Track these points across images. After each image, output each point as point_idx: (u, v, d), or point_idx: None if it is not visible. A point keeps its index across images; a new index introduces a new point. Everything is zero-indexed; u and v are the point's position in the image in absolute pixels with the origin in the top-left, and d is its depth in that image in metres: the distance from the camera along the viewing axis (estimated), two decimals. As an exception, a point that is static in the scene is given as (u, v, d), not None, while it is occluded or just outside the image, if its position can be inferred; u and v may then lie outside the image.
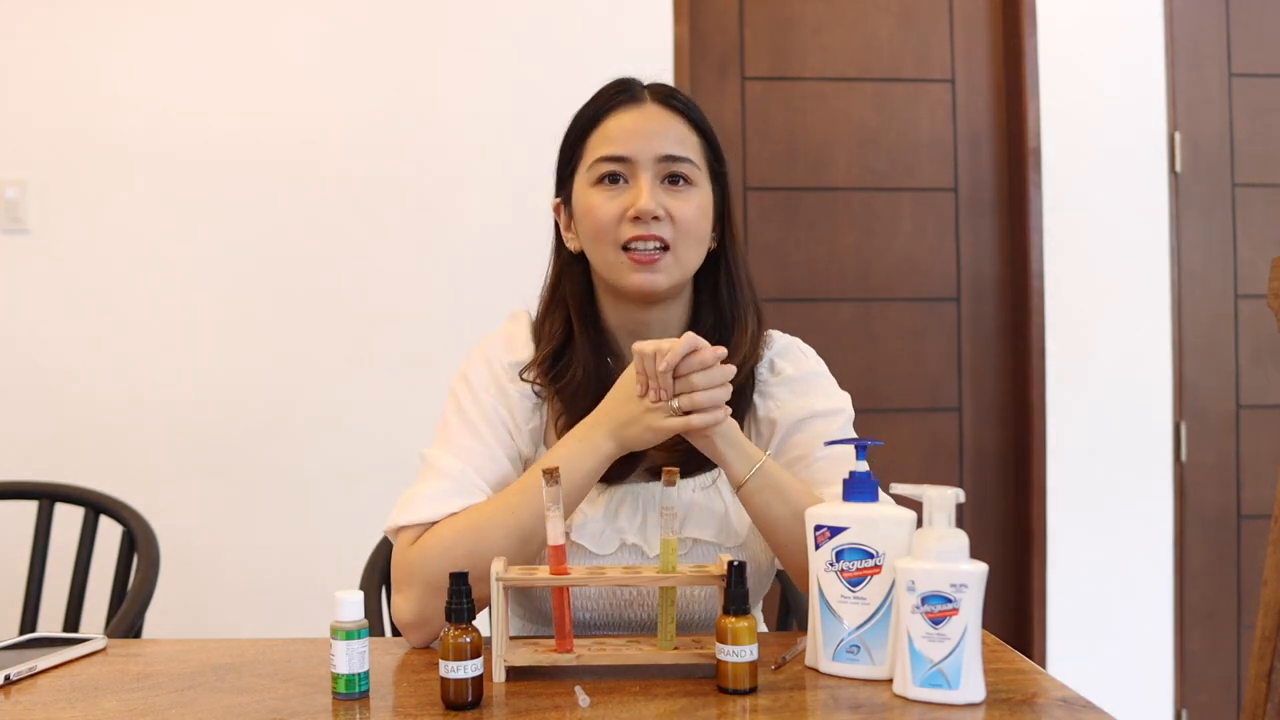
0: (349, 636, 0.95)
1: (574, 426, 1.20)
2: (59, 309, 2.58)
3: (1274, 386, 2.83)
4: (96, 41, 2.58)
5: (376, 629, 1.38)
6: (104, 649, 1.16)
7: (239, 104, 2.60)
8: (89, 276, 2.58)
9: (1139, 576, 2.79)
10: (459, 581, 0.95)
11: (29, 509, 1.78)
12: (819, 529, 1.01)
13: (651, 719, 0.90)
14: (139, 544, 1.66)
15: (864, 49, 2.84)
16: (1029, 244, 2.77)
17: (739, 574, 0.97)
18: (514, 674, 1.02)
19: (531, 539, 1.12)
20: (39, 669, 1.07)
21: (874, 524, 0.99)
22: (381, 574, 1.45)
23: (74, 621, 1.71)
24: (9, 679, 1.03)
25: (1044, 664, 2.73)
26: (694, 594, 1.21)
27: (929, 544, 0.94)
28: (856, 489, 1.01)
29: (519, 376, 1.25)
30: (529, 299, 1.34)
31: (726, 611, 0.96)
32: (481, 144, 2.62)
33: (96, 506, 1.75)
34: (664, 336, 1.15)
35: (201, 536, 2.55)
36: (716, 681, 0.97)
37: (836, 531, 1.00)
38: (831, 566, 1.00)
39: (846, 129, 2.83)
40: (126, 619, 1.54)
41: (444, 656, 0.93)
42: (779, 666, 1.03)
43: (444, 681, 0.93)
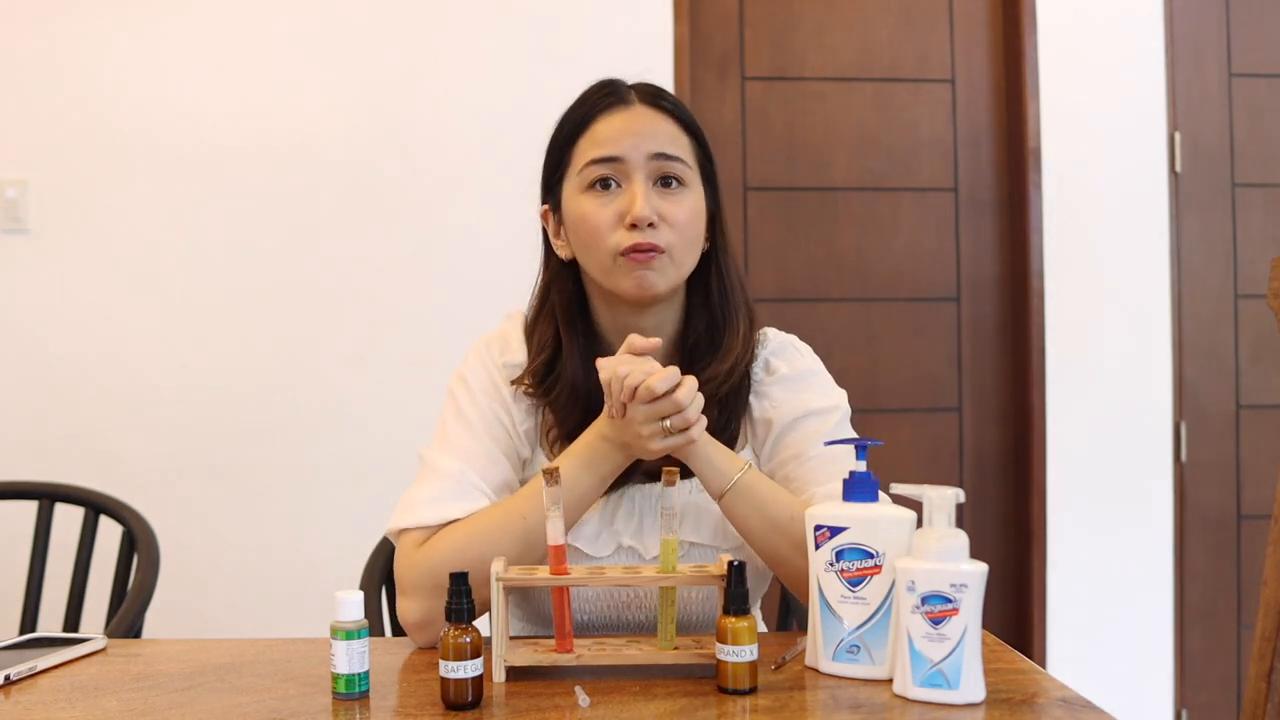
0: (349, 636, 0.95)
1: (570, 435, 1.20)
2: (59, 309, 2.58)
3: (1274, 386, 2.83)
4: (96, 41, 2.58)
5: (376, 629, 1.38)
6: (104, 649, 1.16)
7: (239, 104, 2.60)
8: (89, 276, 2.58)
9: (1139, 576, 2.79)
10: (459, 581, 0.95)
11: (29, 509, 1.78)
12: (819, 529, 1.01)
13: (651, 719, 0.90)
14: (139, 544, 1.66)
15: (864, 49, 2.84)
16: (1029, 244, 2.77)
17: (739, 574, 0.96)
18: (514, 674, 1.02)
19: (539, 545, 1.11)
20: (39, 669, 1.07)
21: (874, 524, 0.99)
22: (381, 574, 1.44)
23: (74, 621, 1.71)
24: (9, 679, 1.03)
25: (1044, 664, 2.73)
26: (693, 595, 1.21)
27: (929, 544, 0.94)
28: (856, 489, 1.01)
29: (511, 384, 1.25)
30: (529, 298, 1.34)
31: (726, 611, 0.96)
32: (482, 142, 2.62)
33: (96, 506, 1.75)
34: (656, 338, 1.15)
35: (201, 536, 2.55)
36: (716, 681, 0.97)
37: (836, 531, 1.00)
38: (831, 566, 1.00)
39: (846, 129, 2.83)
40: (126, 619, 1.54)
41: (444, 656, 0.93)
42: (779, 666, 1.03)
43: (444, 681, 0.93)
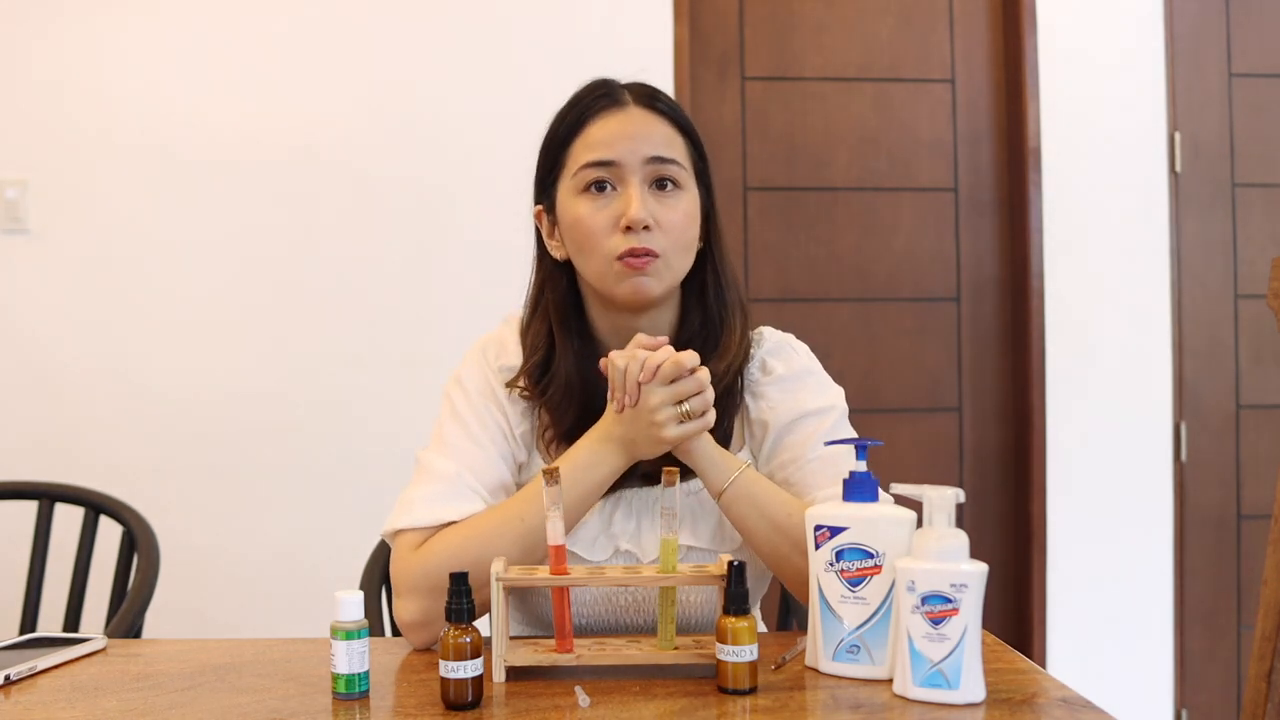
0: (349, 636, 0.95)
1: (565, 435, 1.21)
2: (59, 309, 2.58)
3: (1274, 386, 2.82)
4: (96, 42, 2.58)
5: (376, 629, 1.38)
6: (104, 649, 1.16)
7: (239, 104, 2.60)
8: (89, 276, 2.58)
9: (1139, 576, 2.79)
10: (459, 581, 0.95)
11: (29, 509, 1.78)
12: (819, 529, 1.01)
13: (651, 719, 0.90)
14: (139, 544, 1.66)
15: (864, 49, 2.84)
16: (1029, 244, 2.77)
17: (739, 574, 0.96)
18: (514, 674, 1.02)
19: (538, 547, 1.11)
20: (39, 669, 1.07)
21: (874, 524, 0.99)
22: (381, 574, 1.44)
23: (74, 621, 1.71)
24: (9, 679, 1.03)
25: (1044, 664, 2.73)
26: (693, 597, 1.20)
27: (929, 544, 0.94)
28: (856, 489, 1.01)
29: (506, 386, 1.24)
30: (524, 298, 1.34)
31: (726, 611, 0.96)
32: (481, 143, 2.62)
33: (96, 506, 1.75)
34: (663, 337, 1.15)
35: (201, 536, 2.55)
36: (716, 681, 0.97)
37: (836, 531, 1.00)
38: (831, 566, 1.00)
39: (846, 129, 2.83)
40: (126, 619, 1.54)
41: (444, 656, 0.93)
42: (779, 666, 1.03)
43: (444, 681, 0.93)
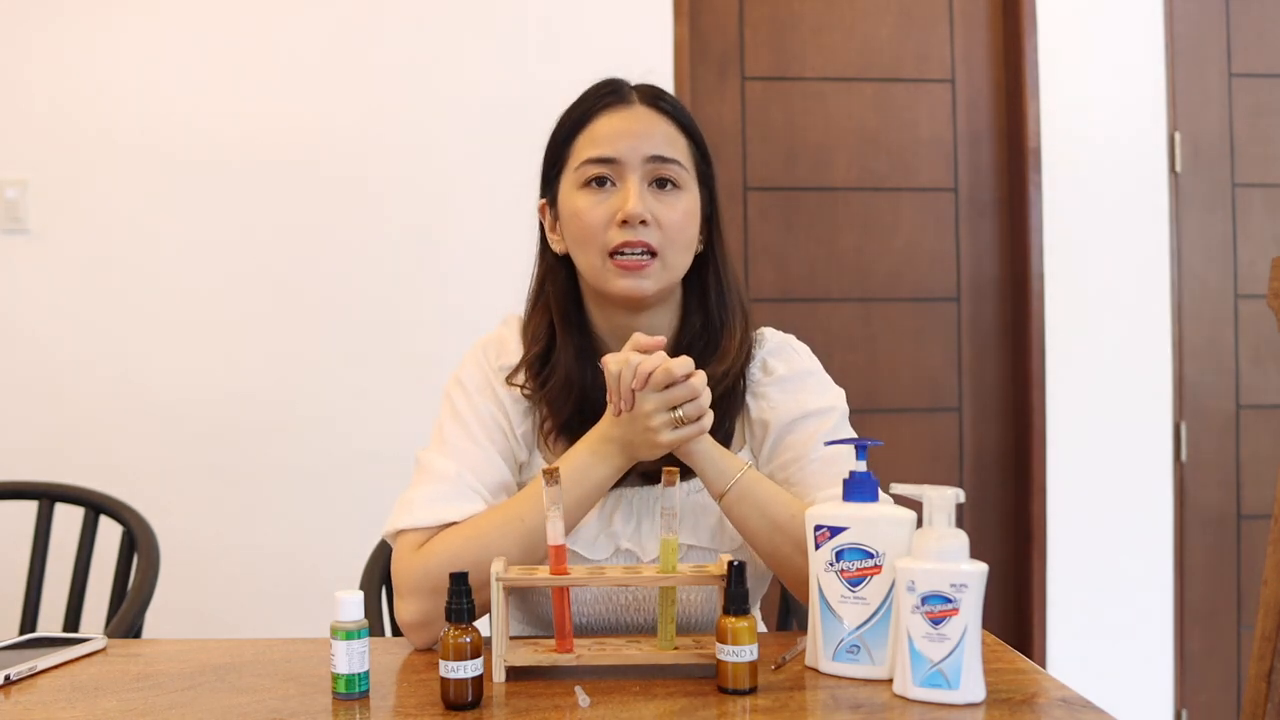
0: (349, 636, 0.95)
1: (564, 428, 1.21)
2: (59, 309, 2.58)
3: (1274, 386, 2.83)
4: (97, 42, 2.58)
5: (376, 629, 1.38)
6: (104, 649, 1.16)
7: (239, 104, 2.60)
8: (89, 276, 2.58)
9: (1139, 576, 2.79)
10: (459, 581, 0.95)
11: (29, 509, 1.78)
12: (819, 529, 1.01)
13: (651, 719, 0.90)
14: (139, 544, 1.66)
15: (864, 49, 2.84)
16: (1029, 244, 2.77)
17: (739, 574, 0.96)
18: (514, 674, 1.02)
19: (538, 548, 1.11)
20: (39, 669, 1.07)
21: (874, 524, 0.99)
22: (381, 574, 1.45)
23: (74, 621, 1.71)
24: (9, 679, 1.03)
25: (1044, 664, 2.73)
26: (693, 596, 1.21)
27: (929, 544, 0.94)
28: (856, 489, 1.01)
29: (505, 381, 1.25)
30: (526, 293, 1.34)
31: (726, 611, 0.96)
32: (481, 143, 2.62)
33: (96, 506, 1.75)
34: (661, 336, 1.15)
35: (201, 536, 2.55)
36: (716, 681, 0.97)
37: (836, 531, 1.00)
38: (831, 566, 1.00)
39: (846, 129, 2.83)
40: (126, 619, 1.54)
41: (444, 656, 0.93)
42: (779, 666, 1.03)
43: (444, 681, 0.93)
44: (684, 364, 1.10)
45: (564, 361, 1.23)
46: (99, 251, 2.58)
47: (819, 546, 1.01)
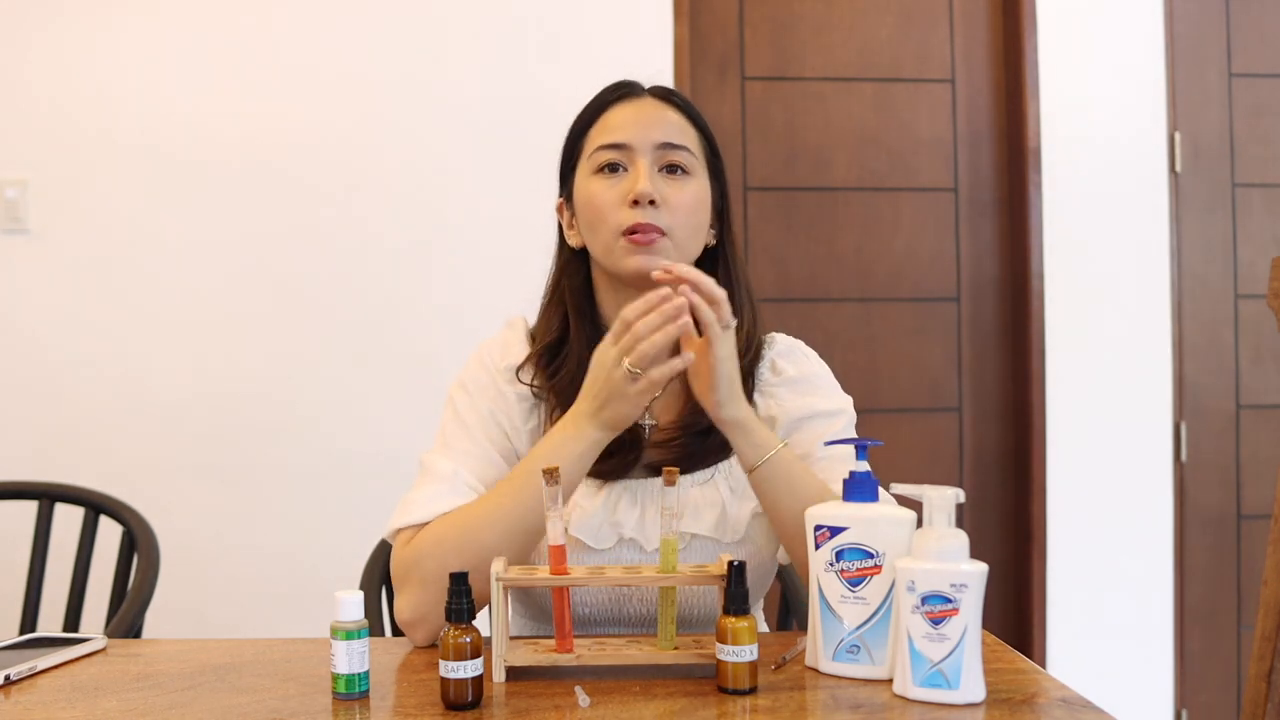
0: (349, 636, 0.95)
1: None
2: (59, 309, 2.58)
3: (1274, 386, 2.83)
4: (97, 42, 2.58)
5: (376, 629, 1.38)
6: (104, 649, 1.15)
7: (239, 104, 2.60)
8: (89, 276, 2.58)
9: (1139, 576, 2.79)
10: (459, 581, 0.95)
11: (29, 509, 1.78)
12: (819, 529, 1.01)
13: (651, 719, 0.90)
14: (139, 544, 1.66)
15: (864, 49, 2.84)
16: (1029, 244, 2.77)
17: (739, 574, 0.97)
18: (514, 674, 1.02)
19: (522, 533, 1.12)
20: (39, 669, 1.07)
21: (874, 524, 0.99)
22: (382, 574, 1.45)
23: (74, 621, 1.71)
24: (9, 679, 1.03)
25: (1044, 664, 2.73)
26: (694, 591, 1.21)
27: (929, 544, 0.94)
28: (856, 489, 1.01)
29: (516, 378, 1.26)
30: (531, 299, 1.35)
31: (726, 611, 0.96)
32: (481, 143, 2.62)
33: (96, 506, 1.75)
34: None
35: (201, 536, 2.55)
36: (716, 681, 0.97)
37: (836, 531, 1.00)
38: (831, 566, 1.00)
39: (846, 129, 2.83)
40: (126, 619, 1.54)
41: (444, 656, 0.93)
42: (779, 666, 1.03)
43: (444, 681, 0.93)
44: (631, 309, 1.08)
45: (576, 351, 1.25)
46: (99, 251, 2.58)
47: (819, 546, 1.01)
